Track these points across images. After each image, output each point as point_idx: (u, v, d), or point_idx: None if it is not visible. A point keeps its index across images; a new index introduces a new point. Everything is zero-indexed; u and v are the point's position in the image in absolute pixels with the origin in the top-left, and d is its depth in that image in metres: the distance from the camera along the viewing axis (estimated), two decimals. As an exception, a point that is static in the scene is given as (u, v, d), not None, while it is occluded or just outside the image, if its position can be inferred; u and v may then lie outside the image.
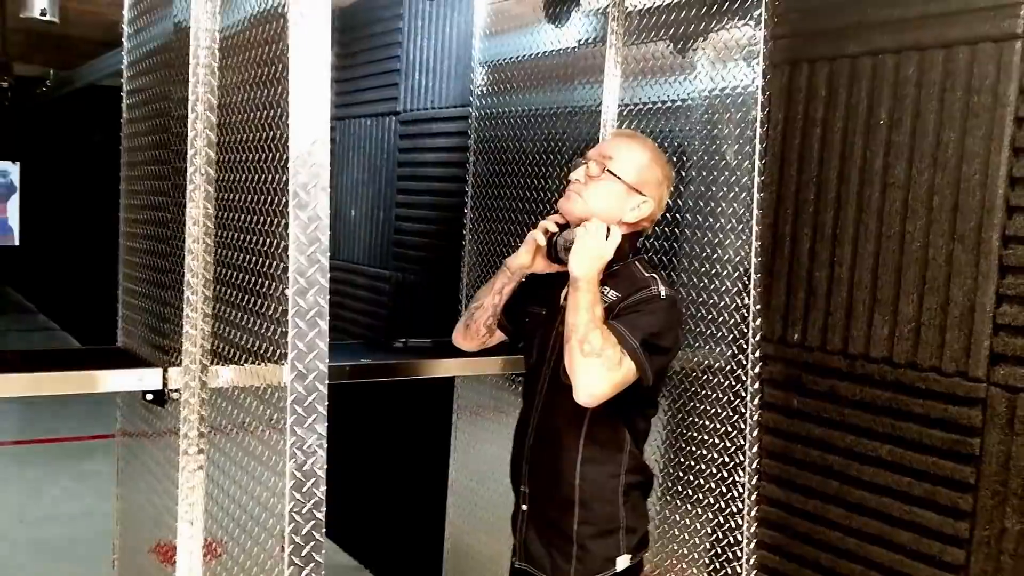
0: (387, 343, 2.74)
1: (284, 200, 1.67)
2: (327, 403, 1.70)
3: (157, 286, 2.33)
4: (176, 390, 2.18)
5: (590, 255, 1.93)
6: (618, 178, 2.01)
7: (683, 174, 2.47)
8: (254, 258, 1.82)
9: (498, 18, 3.15)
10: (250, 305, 1.85)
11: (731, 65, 2.34)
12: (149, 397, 2.27)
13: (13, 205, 10.15)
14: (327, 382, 1.70)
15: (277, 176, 1.71)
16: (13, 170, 10.14)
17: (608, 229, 1.97)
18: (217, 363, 2.08)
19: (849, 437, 2.13)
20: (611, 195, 2.01)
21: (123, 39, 2.64)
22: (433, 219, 3.56)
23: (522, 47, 3.02)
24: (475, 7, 3.21)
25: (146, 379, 2.23)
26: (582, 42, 2.82)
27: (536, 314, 2.21)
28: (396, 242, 3.78)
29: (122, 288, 2.67)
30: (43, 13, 3.93)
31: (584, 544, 2.00)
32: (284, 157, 1.67)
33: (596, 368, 1.83)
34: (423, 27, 3.63)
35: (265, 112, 1.76)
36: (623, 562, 2.00)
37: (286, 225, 1.66)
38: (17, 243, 10.34)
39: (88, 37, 5.63)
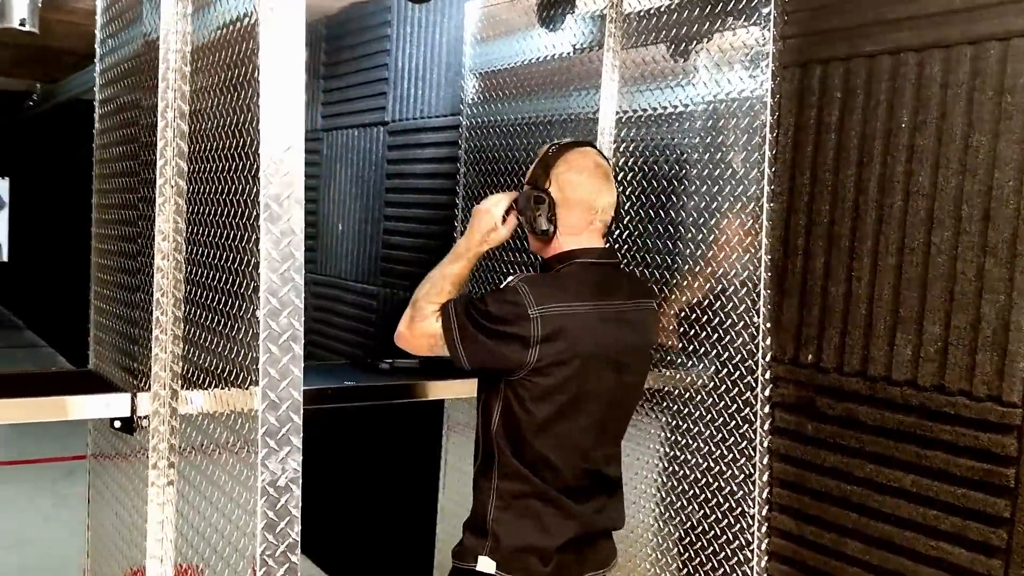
0: (373, 364, 2.58)
1: (255, 213, 1.52)
2: (301, 435, 1.55)
3: (127, 305, 2.18)
4: (145, 417, 2.02)
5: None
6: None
7: (686, 184, 2.33)
8: (224, 276, 1.67)
9: (489, 23, 3.01)
10: (220, 327, 1.70)
11: (737, 68, 2.21)
12: (117, 425, 2.12)
13: (1, 220, 9.98)
14: (301, 411, 1.55)
15: (247, 187, 1.56)
16: (2, 185, 9.97)
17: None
18: (189, 388, 1.93)
19: (869, 466, 1.98)
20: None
21: (96, 48, 2.50)
22: (423, 233, 3.42)
23: (515, 53, 2.89)
24: (466, 12, 3.07)
25: (113, 405, 2.08)
26: (578, 47, 2.68)
27: None
28: (384, 257, 3.63)
29: (93, 307, 2.52)
30: (22, 23, 3.77)
31: (463, 533, 2.04)
32: (255, 166, 1.52)
33: (409, 317, 2.00)
34: (412, 34, 3.50)
35: (235, 117, 1.62)
36: (485, 563, 1.95)
37: (257, 240, 1.51)
38: (5, 259, 10.17)
39: (71, 49, 5.50)
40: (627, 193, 2.50)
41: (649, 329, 2.09)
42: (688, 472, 2.29)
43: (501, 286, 1.94)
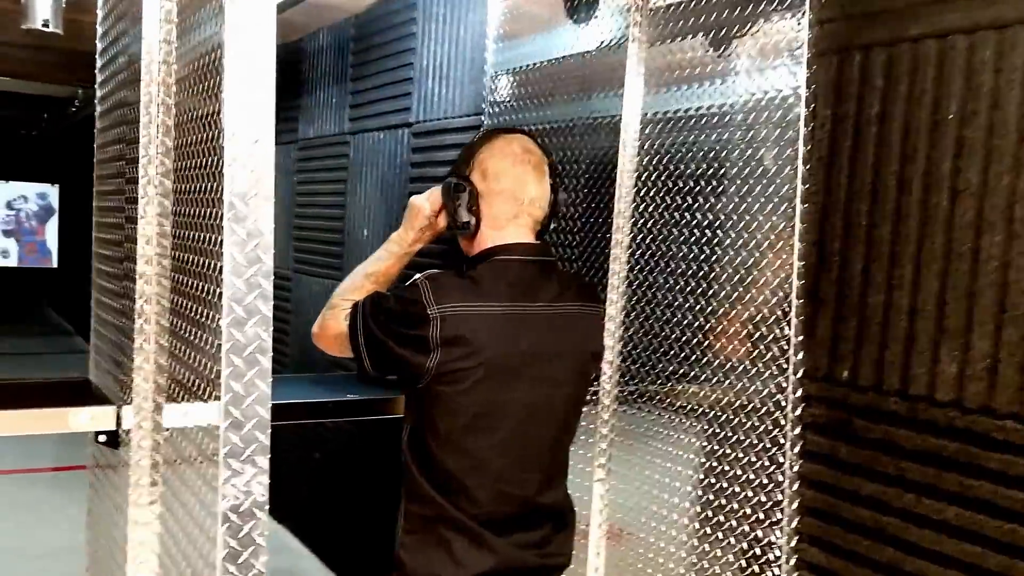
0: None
1: (219, 212, 1.39)
2: (268, 455, 1.42)
3: (116, 312, 2.08)
4: (128, 431, 1.92)
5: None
6: None
7: (714, 184, 2.15)
8: (197, 282, 1.55)
9: (512, 18, 2.86)
10: (193, 338, 1.58)
11: (770, 58, 2.03)
12: (102, 439, 2.02)
13: (52, 227, 10.13)
14: (269, 431, 1.41)
15: (213, 184, 1.43)
16: (52, 192, 10.12)
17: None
18: (172, 402, 1.82)
19: (907, 495, 1.78)
20: None
21: (96, 43, 2.41)
22: (447, 238, 3.27)
23: (538, 51, 2.74)
24: (488, 6, 2.93)
25: (98, 418, 1.98)
26: (603, 45, 2.52)
27: None
28: (409, 264, 3.49)
29: (92, 315, 2.43)
30: (45, 24, 3.74)
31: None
32: (220, 161, 1.39)
33: (324, 308, 1.94)
34: (436, 30, 3.36)
35: (206, 108, 1.50)
36: None
37: (221, 242, 1.39)
38: (56, 265, 10.32)
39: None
40: (651, 196, 2.33)
41: (585, 336, 1.90)
42: (711, 498, 2.11)
43: (405, 289, 1.80)
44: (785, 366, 1.96)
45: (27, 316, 11.17)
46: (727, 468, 2.07)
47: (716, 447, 2.09)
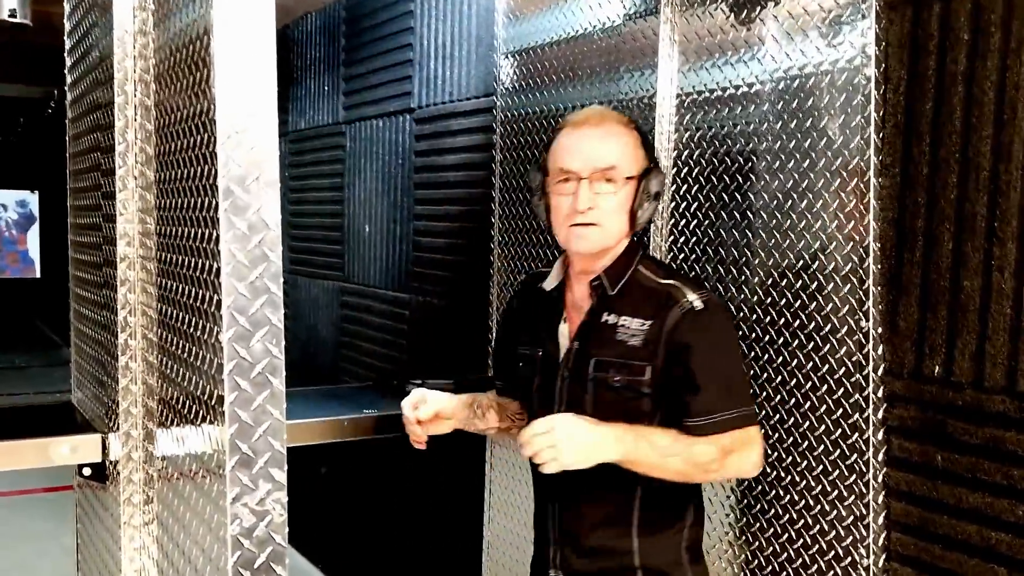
0: (400, 385, 2.20)
1: (214, 203, 1.14)
2: (286, 497, 1.17)
3: (98, 326, 1.82)
4: (116, 462, 1.66)
5: (579, 453, 1.50)
6: (630, 179, 1.64)
7: (768, 162, 1.91)
8: (189, 288, 1.30)
9: (524, -12, 2.61)
10: (187, 355, 1.32)
11: (831, 12, 1.79)
12: (87, 471, 1.76)
13: (33, 236, 9.82)
14: (285, 468, 1.16)
15: (205, 168, 1.18)
16: (32, 199, 9.82)
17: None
18: (164, 427, 1.56)
19: (1022, 508, 1.54)
20: (625, 208, 1.65)
21: (65, 23, 2.15)
22: (456, 231, 3.03)
23: (555, 27, 2.48)
24: (496, -26, 2.68)
25: (82, 449, 1.73)
26: (630, 15, 2.26)
27: (529, 357, 1.79)
28: (416, 260, 3.25)
29: (72, 329, 2.17)
30: (12, 14, 3.48)
31: None
32: (212, 140, 1.14)
33: (734, 467, 1.62)
34: (437, 6, 3.11)
35: (192, 77, 1.24)
36: None
37: (217, 238, 1.13)
38: (39, 275, 10.01)
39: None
40: (693, 177, 2.09)
41: None
42: (784, 513, 1.87)
43: (693, 321, 1.60)
44: (864, 363, 1.72)
45: (12, 329, 10.85)
46: (798, 479, 1.83)
47: (786, 455, 1.85)
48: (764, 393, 1.91)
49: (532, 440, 1.48)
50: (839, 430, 1.76)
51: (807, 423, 1.82)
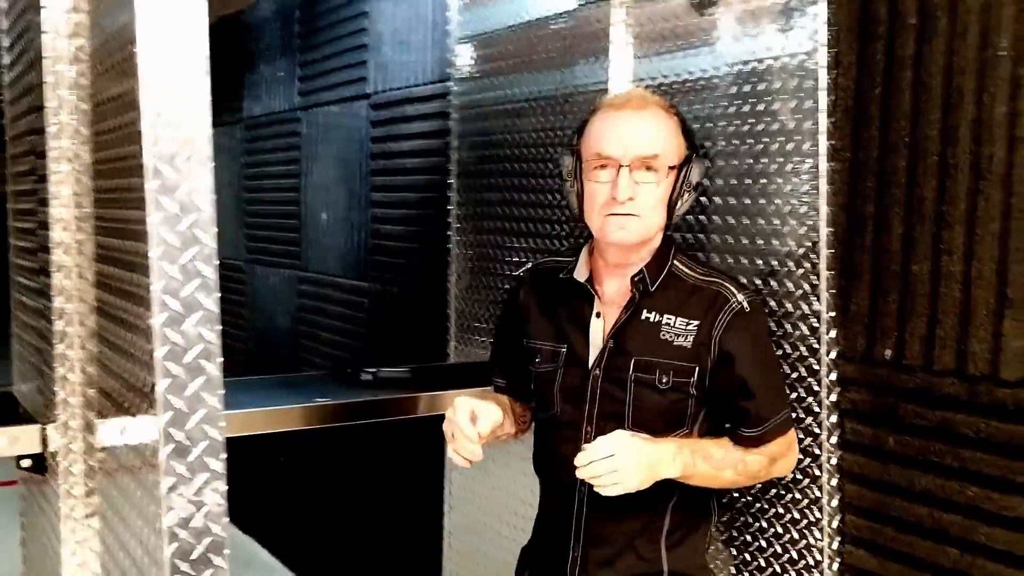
0: (354, 374, 2.17)
1: (142, 183, 1.10)
2: (225, 489, 1.14)
3: (36, 314, 1.77)
4: (55, 454, 1.62)
5: (643, 475, 1.44)
6: (672, 169, 1.55)
7: (722, 145, 1.90)
8: (123, 272, 1.26)
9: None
10: (122, 342, 1.28)
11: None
12: (26, 463, 1.71)
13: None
14: (223, 459, 1.13)
15: (135, 148, 1.14)
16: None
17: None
18: (105, 417, 1.52)
19: (971, 489, 1.55)
20: (665, 199, 1.57)
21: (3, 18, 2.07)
22: (414, 219, 3.00)
23: (509, 13, 2.45)
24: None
25: (20, 440, 1.67)
26: (584, 1, 2.24)
27: (550, 352, 1.66)
28: (374, 248, 3.21)
29: (12, 316, 2.11)
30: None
31: None
32: (139, 118, 1.10)
33: (778, 471, 1.64)
34: (392, -11, 3.07)
35: (122, 54, 1.20)
36: None
37: (143, 220, 1.10)
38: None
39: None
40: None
41: None
42: (739, 496, 1.87)
43: (743, 320, 1.56)
44: (816, 346, 1.72)
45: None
46: (753, 464, 1.82)
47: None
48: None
49: (593, 466, 1.40)
50: (794, 414, 1.76)
51: (761, 408, 1.81)
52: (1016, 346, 1.49)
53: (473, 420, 1.51)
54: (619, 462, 1.40)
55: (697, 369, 1.54)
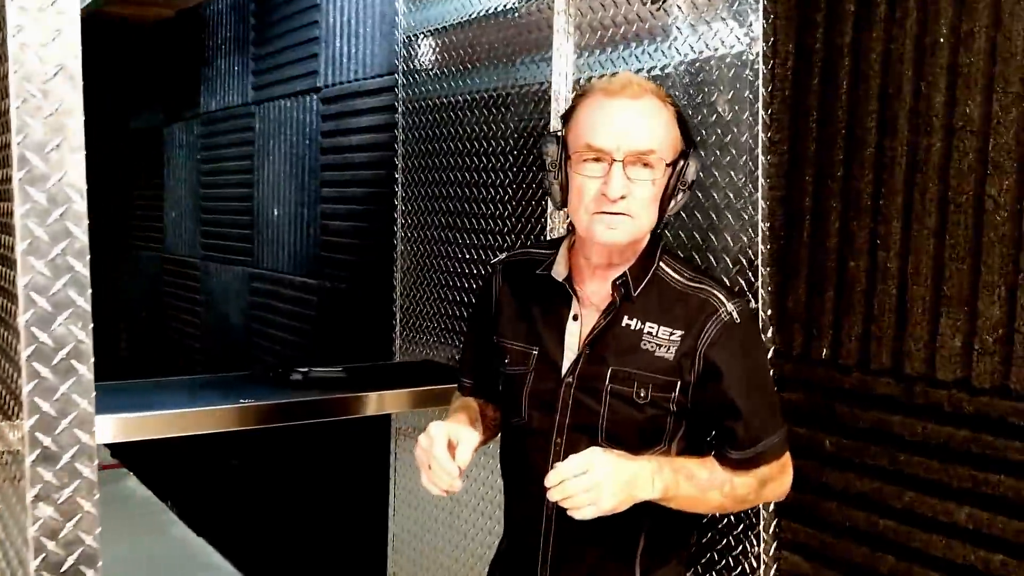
0: (284, 374, 2.10)
1: (8, 174, 1.03)
2: (96, 497, 1.07)
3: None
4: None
5: (620, 495, 1.30)
6: (668, 166, 1.41)
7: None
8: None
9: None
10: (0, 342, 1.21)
11: (720, -14, 1.72)
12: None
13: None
14: (95, 465, 1.06)
15: (6, 137, 1.07)
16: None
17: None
18: None
19: (908, 494, 1.50)
20: (658, 198, 1.42)
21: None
22: (361, 215, 2.93)
23: (454, 8, 2.39)
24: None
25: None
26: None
27: (520, 352, 1.53)
28: (323, 245, 3.14)
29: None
30: None
31: None
32: (5, 103, 1.03)
33: (769, 495, 1.50)
34: (343, -20, 3.00)
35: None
36: None
37: (11, 213, 1.03)
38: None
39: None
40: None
41: None
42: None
43: (733, 333, 1.41)
44: (753, 345, 1.66)
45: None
46: (689, 467, 1.77)
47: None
48: (656, 378, 1.84)
49: (565, 485, 1.26)
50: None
51: (698, 409, 1.76)
52: (952, 346, 1.44)
53: (450, 448, 1.39)
54: (593, 479, 1.26)
55: (679, 383, 1.41)
